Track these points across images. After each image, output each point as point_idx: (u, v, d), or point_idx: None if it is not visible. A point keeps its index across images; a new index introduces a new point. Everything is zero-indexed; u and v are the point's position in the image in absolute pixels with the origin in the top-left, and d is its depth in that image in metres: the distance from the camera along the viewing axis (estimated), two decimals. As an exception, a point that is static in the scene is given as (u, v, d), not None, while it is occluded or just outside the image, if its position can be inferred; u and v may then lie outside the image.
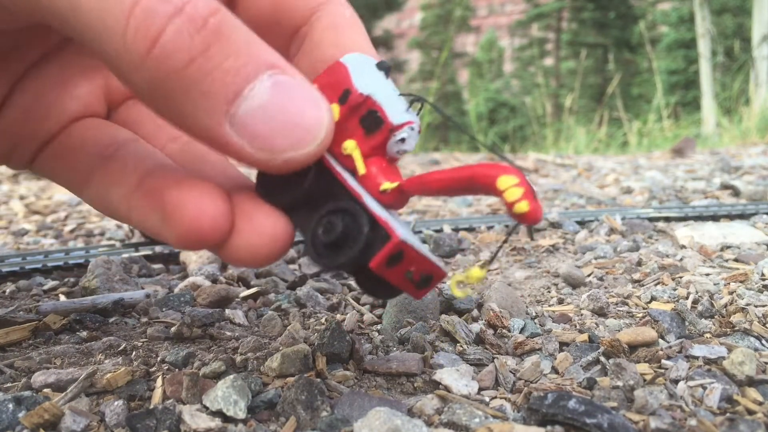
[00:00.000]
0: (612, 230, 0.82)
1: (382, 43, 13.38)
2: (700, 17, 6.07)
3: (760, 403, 0.34)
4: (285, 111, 0.25)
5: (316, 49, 0.32)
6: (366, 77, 0.29)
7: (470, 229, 0.87)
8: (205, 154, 0.35)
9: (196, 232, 0.26)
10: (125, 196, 0.30)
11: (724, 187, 1.19)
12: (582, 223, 0.87)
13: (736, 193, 1.11)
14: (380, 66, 0.30)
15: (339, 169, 0.29)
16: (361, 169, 0.29)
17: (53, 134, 0.33)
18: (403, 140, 0.29)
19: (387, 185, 0.29)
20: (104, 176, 0.31)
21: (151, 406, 0.33)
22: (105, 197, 0.31)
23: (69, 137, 0.33)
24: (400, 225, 0.28)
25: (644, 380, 0.37)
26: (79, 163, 0.32)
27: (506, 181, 0.25)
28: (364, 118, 0.29)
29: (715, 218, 0.88)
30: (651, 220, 0.87)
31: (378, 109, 0.28)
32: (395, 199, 0.29)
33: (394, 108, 0.29)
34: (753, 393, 0.35)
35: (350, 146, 0.29)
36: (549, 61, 15.41)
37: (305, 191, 0.28)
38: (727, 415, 0.33)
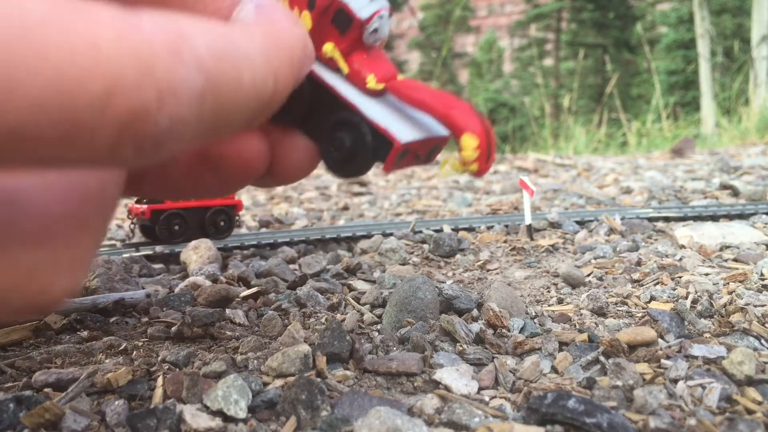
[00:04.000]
0: (611, 230, 0.82)
1: (381, 43, 13.35)
2: (699, 17, 6.07)
3: (760, 403, 0.34)
4: (269, 29, 0.26)
5: None
6: None
7: (470, 229, 0.87)
8: None
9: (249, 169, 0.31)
10: None
11: (724, 187, 1.20)
12: (581, 223, 0.87)
13: (736, 193, 1.12)
14: None
15: (328, 78, 0.30)
16: (345, 68, 0.31)
17: None
18: (375, 30, 0.31)
19: (372, 82, 0.30)
20: None
21: (152, 406, 0.33)
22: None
23: None
24: (396, 121, 0.30)
25: (644, 380, 0.37)
26: None
27: (467, 142, 0.29)
28: (335, 18, 0.30)
29: (714, 218, 0.88)
30: (650, 220, 0.88)
31: (344, 6, 0.30)
32: (383, 90, 0.31)
33: (359, 2, 0.30)
34: (752, 392, 0.35)
35: (329, 49, 0.31)
36: (548, 62, 15.41)
37: (306, 107, 0.31)
38: (727, 414, 0.33)
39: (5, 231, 0.20)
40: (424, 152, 0.32)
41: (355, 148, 0.30)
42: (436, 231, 0.84)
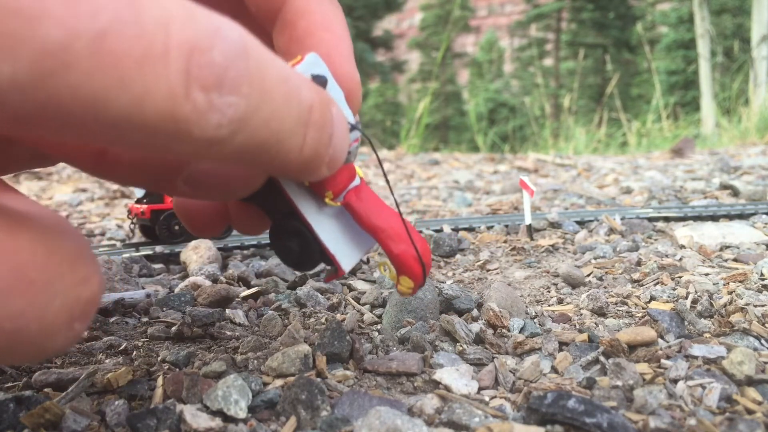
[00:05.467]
0: (611, 230, 0.82)
1: (382, 43, 13.37)
2: (699, 17, 6.07)
3: (759, 403, 0.34)
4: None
5: (289, 26, 0.32)
6: None
7: (470, 229, 0.87)
8: None
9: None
10: None
11: (724, 187, 1.20)
12: (581, 223, 0.87)
13: (736, 193, 1.12)
14: (317, 80, 0.29)
15: (289, 188, 0.31)
16: (305, 181, 0.32)
17: None
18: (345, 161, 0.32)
19: (329, 198, 0.32)
20: None
21: (152, 406, 0.33)
22: None
23: None
24: (345, 240, 0.33)
25: (644, 380, 0.37)
26: None
27: (405, 282, 0.34)
28: None
29: (714, 218, 0.88)
30: (650, 220, 0.88)
31: None
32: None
33: None
34: (752, 392, 0.35)
35: None
36: (548, 62, 15.41)
37: (267, 203, 0.33)
38: (727, 414, 0.33)
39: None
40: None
41: (301, 258, 0.33)
42: (436, 231, 0.84)
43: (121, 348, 0.42)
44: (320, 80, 0.29)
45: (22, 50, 0.15)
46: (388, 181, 0.35)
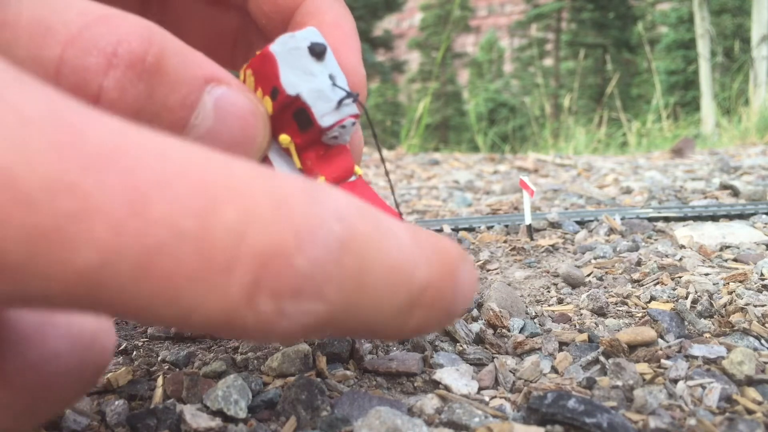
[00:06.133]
0: (611, 230, 0.82)
1: (382, 43, 13.37)
2: (699, 18, 6.07)
3: (760, 403, 0.34)
4: (228, 132, 0.25)
5: (298, 27, 0.32)
6: (294, 72, 0.27)
7: (470, 229, 0.87)
8: None
9: None
10: None
11: (724, 187, 1.20)
12: (581, 223, 0.87)
13: (736, 193, 1.12)
14: (313, 50, 0.27)
15: (280, 168, 0.29)
16: (297, 163, 0.30)
17: None
18: (336, 137, 0.29)
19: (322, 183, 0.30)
20: None
21: (152, 406, 0.33)
22: None
23: None
24: None
25: (644, 380, 0.37)
26: None
27: None
28: (297, 114, 0.28)
29: (714, 218, 0.88)
30: (650, 220, 0.88)
31: (306, 108, 0.28)
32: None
33: (324, 107, 0.28)
34: (752, 393, 0.35)
35: (285, 141, 0.29)
36: (548, 62, 15.42)
37: None
38: (727, 414, 0.33)
39: None
40: None
41: None
42: (437, 231, 0.84)
43: (121, 348, 0.42)
44: (320, 48, 0.28)
45: (53, 275, 0.13)
46: (389, 180, 0.35)
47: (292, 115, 0.28)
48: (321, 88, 0.28)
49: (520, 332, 0.46)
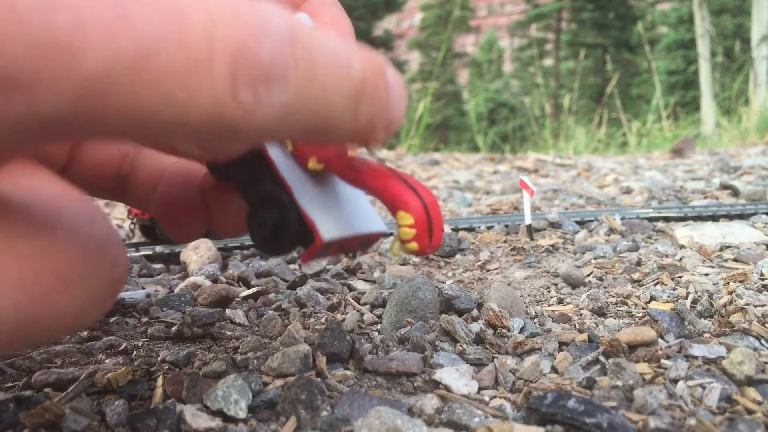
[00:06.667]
0: (611, 230, 0.82)
1: (382, 43, 13.38)
2: (699, 17, 6.07)
3: (759, 403, 0.34)
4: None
5: None
6: None
7: (470, 229, 0.87)
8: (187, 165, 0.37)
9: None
10: None
11: (724, 187, 1.20)
12: (581, 223, 0.87)
13: (736, 193, 1.12)
14: None
15: (272, 150, 0.29)
16: (289, 145, 0.30)
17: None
18: None
19: (314, 163, 0.30)
20: None
21: (152, 406, 0.33)
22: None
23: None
24: (329, 211, 0.29)
25: (644, 380, 0.37)
26: None
27: (402, 219, 0.28)
28: None
29: (714, 218, 0.88)
30: (650, 220, 0.88)
31: None
32: (328, 173, 0.30)
33: None
34: (752, 392, 0.35)
35: None
36: (548, 62, 15.42)
37: (247, 172, 0.30)
38: (727, 414, 0.33)
39: None
40: (353, 246, 0.31)
41: (276, 231, 0.29)
42: (436, 231, 0.83)
43: (121, 348, 0.42)
44: None
45: (62, 84, 0.15)
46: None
47: None
48: None
49: (520, 332, 0.46)
